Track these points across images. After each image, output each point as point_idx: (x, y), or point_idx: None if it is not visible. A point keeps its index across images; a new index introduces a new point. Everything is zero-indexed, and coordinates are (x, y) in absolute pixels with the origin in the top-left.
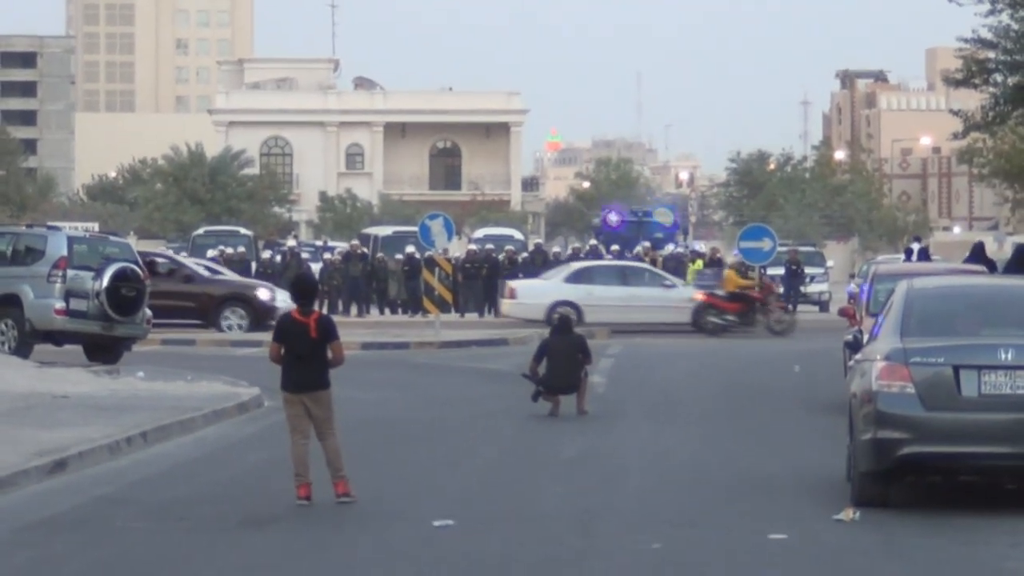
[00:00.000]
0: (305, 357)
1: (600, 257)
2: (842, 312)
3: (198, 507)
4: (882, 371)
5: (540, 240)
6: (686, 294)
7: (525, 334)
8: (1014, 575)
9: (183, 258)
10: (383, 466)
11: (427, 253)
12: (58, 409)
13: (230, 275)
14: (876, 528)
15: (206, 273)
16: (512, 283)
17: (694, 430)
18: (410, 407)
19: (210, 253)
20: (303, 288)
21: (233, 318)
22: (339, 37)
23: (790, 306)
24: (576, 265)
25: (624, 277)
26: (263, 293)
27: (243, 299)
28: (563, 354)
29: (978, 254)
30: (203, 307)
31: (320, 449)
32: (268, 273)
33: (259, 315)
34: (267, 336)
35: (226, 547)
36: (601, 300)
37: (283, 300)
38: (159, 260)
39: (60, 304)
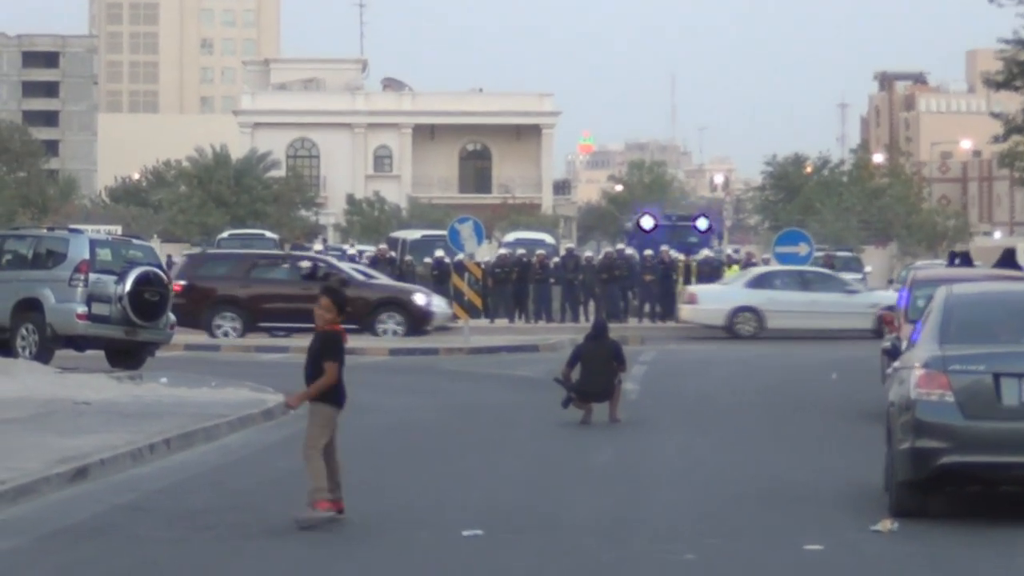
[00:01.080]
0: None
1: (631, 261)
2: (880, 319)
3: (222, 515)
4: (921, 379)
5: (572, 244)
6: (869, 300)
7: (555, 340)
8: None
9: (339, 262)
10: (411, 474)
11: (457, 257)
12: (80, 415)
13: (385, 279)
14: (914, 539)
15: (361, 277)
16: (692, 288)
17: (728, 438)
18: (439, 414)
19: None
20: (343, 298)
21: (389, 323)
22: (367, 37)
23: None
24: (757, 270)
25: (806, 283)
26: (419, 298)
27: (399, 303)
28: (598, 360)
29: (1008, 260)
30: (358, 312)
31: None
32: None
33: (415, 320)
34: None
35: (250, 556)
36: (783, 306)
37: (439, 305)
38: (320, 265)
39: (82, 308)
